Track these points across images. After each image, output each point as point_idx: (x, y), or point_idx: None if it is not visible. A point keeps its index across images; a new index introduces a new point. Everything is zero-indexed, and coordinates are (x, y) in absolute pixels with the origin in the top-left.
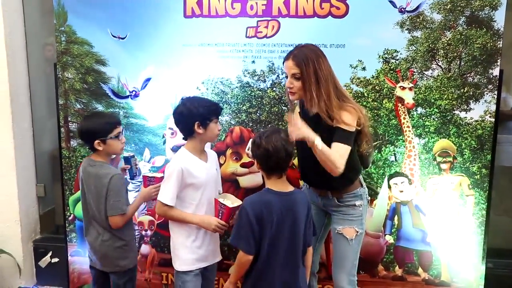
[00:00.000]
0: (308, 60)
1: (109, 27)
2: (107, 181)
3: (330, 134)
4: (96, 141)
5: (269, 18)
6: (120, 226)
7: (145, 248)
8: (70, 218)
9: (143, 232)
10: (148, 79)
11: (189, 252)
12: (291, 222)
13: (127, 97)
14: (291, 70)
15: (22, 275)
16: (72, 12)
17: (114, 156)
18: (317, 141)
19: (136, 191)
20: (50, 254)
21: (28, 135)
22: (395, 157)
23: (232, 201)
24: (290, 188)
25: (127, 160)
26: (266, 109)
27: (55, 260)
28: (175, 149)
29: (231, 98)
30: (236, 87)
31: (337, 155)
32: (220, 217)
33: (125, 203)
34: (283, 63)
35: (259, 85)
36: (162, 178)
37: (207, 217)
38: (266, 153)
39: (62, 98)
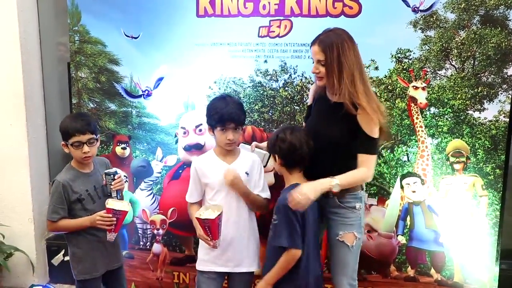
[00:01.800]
0: (333, 46)
1: (122, 27)
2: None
3: (351, 124)
4: (62, 142)
5: (281, 18)
6: (50, 231)
7: (157, 247)
8: None
9: (155, 231)
10: (161, 79)
11: (204, 253)
12: (314, 216)
13: (139, 96)
14: (316, 55)
15: (35, 273)
16: (86, 11)
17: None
18: (335, 187)
19: (148, 190)
20: (62, 252)
21: (42, 134)
22: (408, 157)
23: (212, 210)
24: None
25: (105, 175)
26: (278, 108)
27: (68, 258)
28: (187, 148)
29: (243, 97)
30: (249, 86)
31: (362, 173)
32: (209, 234)
33: (55, 210)
34: (310, 47)
35: (271, 85)
36: (126, 212)
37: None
38: (292, 147)
39: (75, 97)
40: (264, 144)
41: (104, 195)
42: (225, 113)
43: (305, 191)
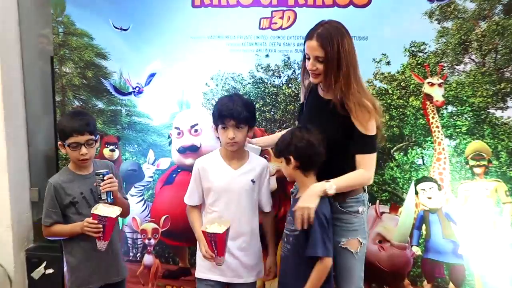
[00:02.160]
0: (333, 41)
1: (111, 18)
2: None
3: (345, 121)
4: (59, 142)
5: (284, 8)
6: (46, 236)
7: (148, 259)
8: None
9: (146, 241)
10: (153, 74)
11: (202, 259)
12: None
13: (130, 93)
14: (314, 51)
15: (13, 287)
16: (71, 1)
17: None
18: (330, 190)
19: (139, 196)
20: (44, 264)
21: (22, 135)
22: (423, 161)
23: (219, 224)
24: None
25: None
26: (281, 107)
27: (50, 271)
28: (182, 150)
29: (243, 95)
30: (249, 83)
31: (360, 174)
32: (214, 249)
33: (47, 214)
34: (305, 42)
35: (274, 81)
36: (115, 219)
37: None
38: (310, 146)
39: (59, 94)
40: (258, 139)
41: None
42: (224, 109)
43: (303, 205)
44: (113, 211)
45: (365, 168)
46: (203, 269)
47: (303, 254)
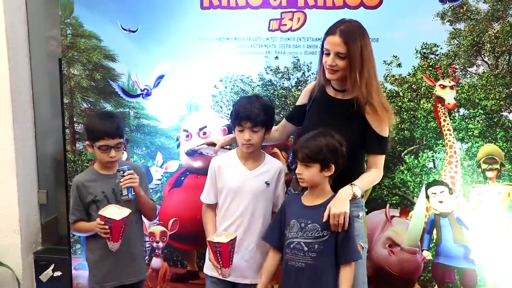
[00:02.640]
0: (356, 38)
1: (119, 19)
2: None
3: (360, 122)
4: (87, 142)
5: (294, 10)
6: (72, 232)
7: (156, 262)
8: None
9: (154, 244)
10: (161, 77)
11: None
12: None
13: (138, 95)
14: (337, 47)
15: None
16: (79, 2)
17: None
18: (357, 192)
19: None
20: (52, 267)
21: (30, 137)
22: (434, 164)
23: (226, 237)
24: None
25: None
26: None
27: (58, 273)
28: (190, 153)
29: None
30: (258, 85)
31: (375, 174)
32: (220, 259)
33: (72, 211)
34: (326, 37)
35: (283, 84)
36: (120, 221)
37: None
38: (344, 151)
39: (67, 96)
40: (227, 138)
41: (124, 200)
42: (242, 111)
43: (339, 210)
44: (118, 213)
45: (379, 168)
46: (211, 267)
47: (342, 261)
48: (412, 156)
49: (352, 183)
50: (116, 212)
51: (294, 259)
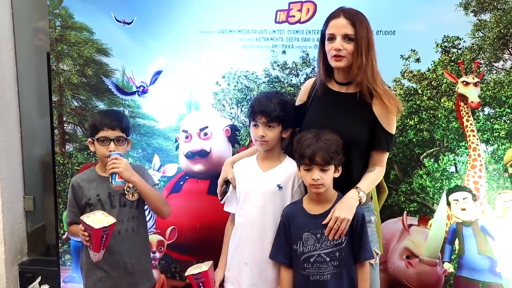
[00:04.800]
0: (362, 20)
1: (113, 10)
2: None
3: (366, 117)
4: (89, 139)
5: (303, 0)
6: (68, 235)
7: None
8: (64, 237)
9: (151, 255)
10: (159, 73)
11: (227, 270)
12: None
13: (133, 93)
14: (343, 29)
15: None
16: None
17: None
18: (363, 198)
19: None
20: (39, 279)
21: (15, 138)
22: (456, 168)
23: (206, 264)
24: None
25: None
26: None
27: (45, 287)
28: (190, 155)
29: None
30: (263, 82)
31: (379, 173)
32: None
33: (67, 213)
34: (329, 21)
35: (291, 80)
36: (99, 230)
37: None
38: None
39: (56, 94)
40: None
41: (120, 205)
42: (256, 105)
43: (344, 216)
44: (101, 221)
45: (382, 166)
46: (229, 282)
47: (356, 262)
48: (432, 160)
49: (358, 186)
50: (100, 219)
51: (318, 273)
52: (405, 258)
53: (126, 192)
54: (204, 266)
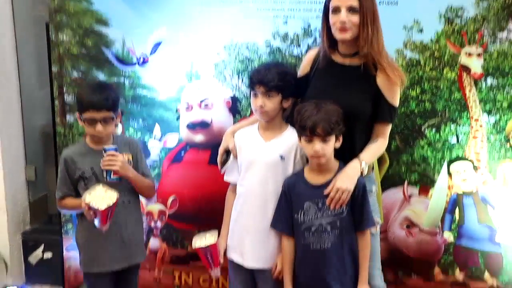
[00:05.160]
0: None
1: None
2: None
3: (370, 89)
4: (77, 113)
5: None
6: (58, 209)
7: (154, 242)
8: None
9: (152, 224)
10: (159, 43)
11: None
12: None
13: (133, 64)
14: (348, 1)
15: (9, 273)
16: None
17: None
18: (365, 169)
19: None
20: (41, 248)
21: (16, 109)
22: (458, 139)
23: (211, 235)
24: None
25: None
26: None
27: (48, 255)
28: (191, 126)
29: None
30: (265, 53)
31: (381, 145)
32: (211, 263)
33: (59, 187)
34: None
35: (292, 51)
36: (105, 210)
37: None
38: None
39: (55, 65)
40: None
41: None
42: (255, 75)
43: (345, 186)
44: (105, 198)
45: (385, 138)
46: (233, 250)
47: (357, 229)
48: (434, 130)
49: (360, 157)
50: (102, 196)
51: (318, 242)
52: (406, 227)
53: None
54: (209, 236)
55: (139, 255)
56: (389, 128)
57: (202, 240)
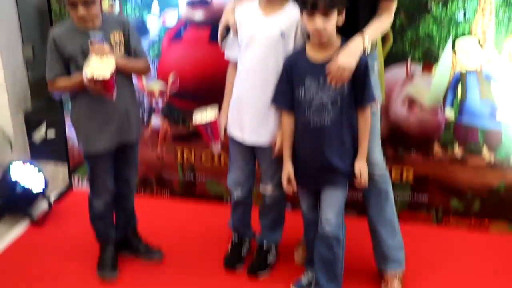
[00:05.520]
0: None
1: None
2: None
3: None
4: None
5: None
6: (50, 91)
7: (156, 120)
8: None
9: (154, 103)
10: None
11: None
12: None
13: None
14: None
15: (14, 150)
16: None
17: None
18: (368, 45)
19: None
20: (44, 125)
21: None
22: (464, 14)
23: (212, 109)
24: None
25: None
26: None
27: (51, 133)
28: (191, 3)
29: None
30: None
31: (386, 20)
32: (212, 138)
33: (50, 67)
34: None
35: None
36: (111, 79)
37: None
38: None
39: None
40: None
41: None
42: None
43: (347, 63)
44: (104, 68)
45: (390, 14)
46: (233, 126)
47: (358, 105)
48: (440, 5)
49: (364, 32)
50: (101, 65)
51: (319, 119)
52: (407, 104)
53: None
54: (210, 110)
55: (135, 131)
56: (394, 4)
57: (202, 115)
